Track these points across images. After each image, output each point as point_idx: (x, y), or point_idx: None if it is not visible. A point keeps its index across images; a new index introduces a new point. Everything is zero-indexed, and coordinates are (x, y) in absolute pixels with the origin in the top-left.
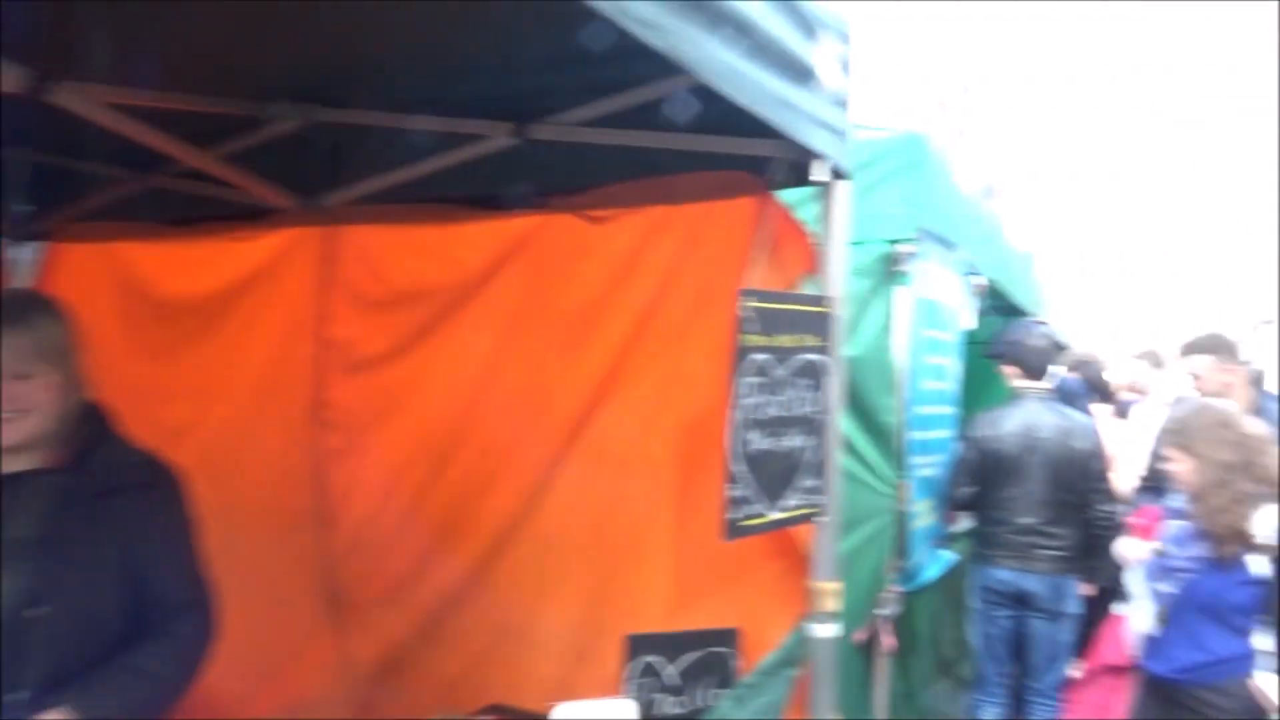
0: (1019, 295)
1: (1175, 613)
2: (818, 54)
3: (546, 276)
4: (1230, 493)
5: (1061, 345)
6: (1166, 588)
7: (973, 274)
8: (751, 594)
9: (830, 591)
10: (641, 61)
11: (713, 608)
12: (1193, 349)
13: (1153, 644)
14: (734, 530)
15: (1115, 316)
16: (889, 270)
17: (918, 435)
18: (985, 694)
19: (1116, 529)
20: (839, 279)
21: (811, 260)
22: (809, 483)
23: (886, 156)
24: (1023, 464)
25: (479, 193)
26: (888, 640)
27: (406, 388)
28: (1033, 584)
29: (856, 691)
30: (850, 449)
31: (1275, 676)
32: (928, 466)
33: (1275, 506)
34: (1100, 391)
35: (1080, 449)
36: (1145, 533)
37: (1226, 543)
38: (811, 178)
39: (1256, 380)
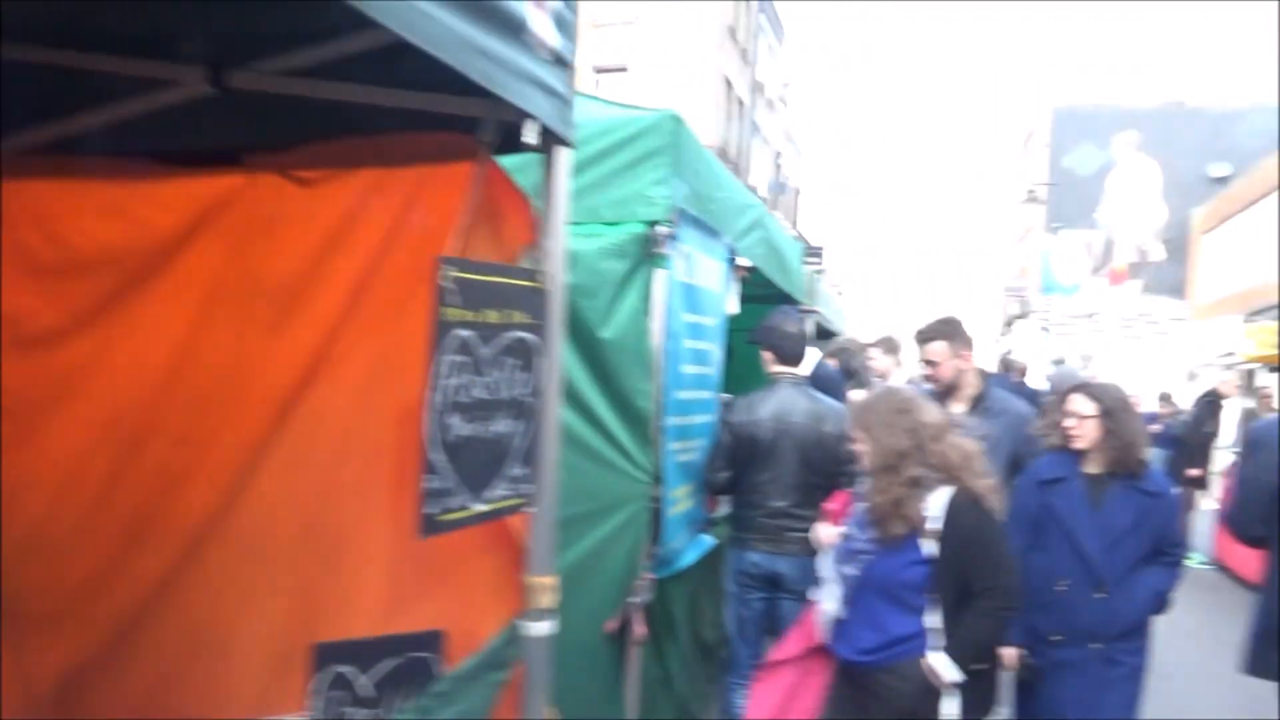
0: (786, 282)
1: (856, 595)
2: (531, 8)
3: (249, 243)
4: (897, 477)
5: (832, 332)
6: (850, 570)
7: (736, 259)
8: (467, 591)
9: (545, 587)
10: (346, 8)
11: (429, 608)
12: (928, 335)
13: (838, 626)
14: (432, 526)
15: (886, 306)
16: (646, 252)
17: (677, 420)
18: (738, 676)
19: None
20: (559, 252)
21: (534, 232)
22: (517, 471)
23: (643, 136)
24: (775, 448)
25: (172, 147)
26: (639, 628)
27: (88, 368)
28: (784, 566)
29: (608, 681)
30: (606, 434)
31: (943, 654)
32: (687, 451)
33: (946, 490)
34: (857, 377)
35: (830, 433)
36: (836, 517)
37: (888, 524)
38: (523, 140)
39: (1006, 367)
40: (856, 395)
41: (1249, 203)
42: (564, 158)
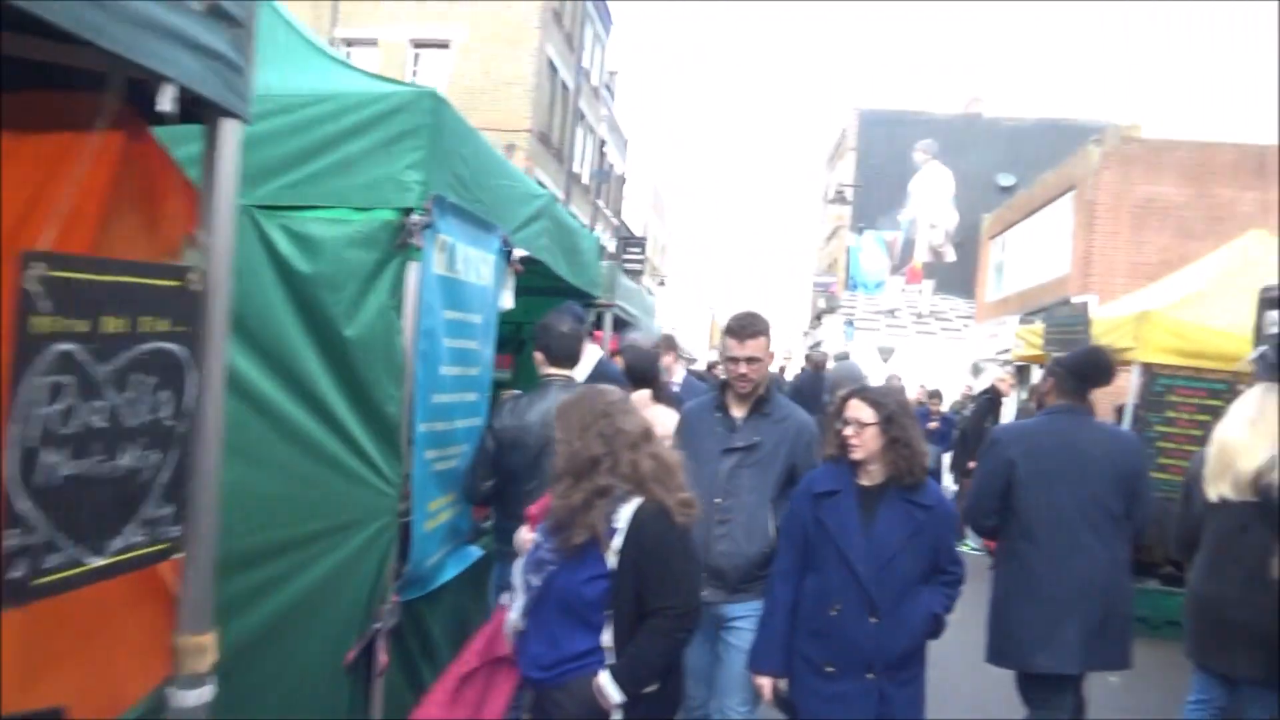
0: (578, 276)
1: (537, 607)
2: None
3: None
4: (584, 484)
5: (638, 326)
6: (534, 580)
7: (511, 252)
8: (109, 655)
9: (201, 647)
10: None
11: (64, 676)
12: (753, 329)
13: (519, 639)
14: (23, 592)
15: (711, 299)
16: (398, 242)
17: (434, 426)
18: None
19: None
20: (225, 246)
21: (196, 220)
22: (158, 511)
23: (398, 115)
24: (542, 456)
25: None
26: (382, 657)
27: None
28: None
29: (350, 717)
30: (349, 442)
31: (608, 674)
32: (446, 459)
33: (636, 502)
34: (644, 377)
35: None
36: (536, 521)
37: (568, 533)
38: (158, 107)
39: (809, 360)
40: (639, 396)
41: (1028, 212)
42: (230, 133)
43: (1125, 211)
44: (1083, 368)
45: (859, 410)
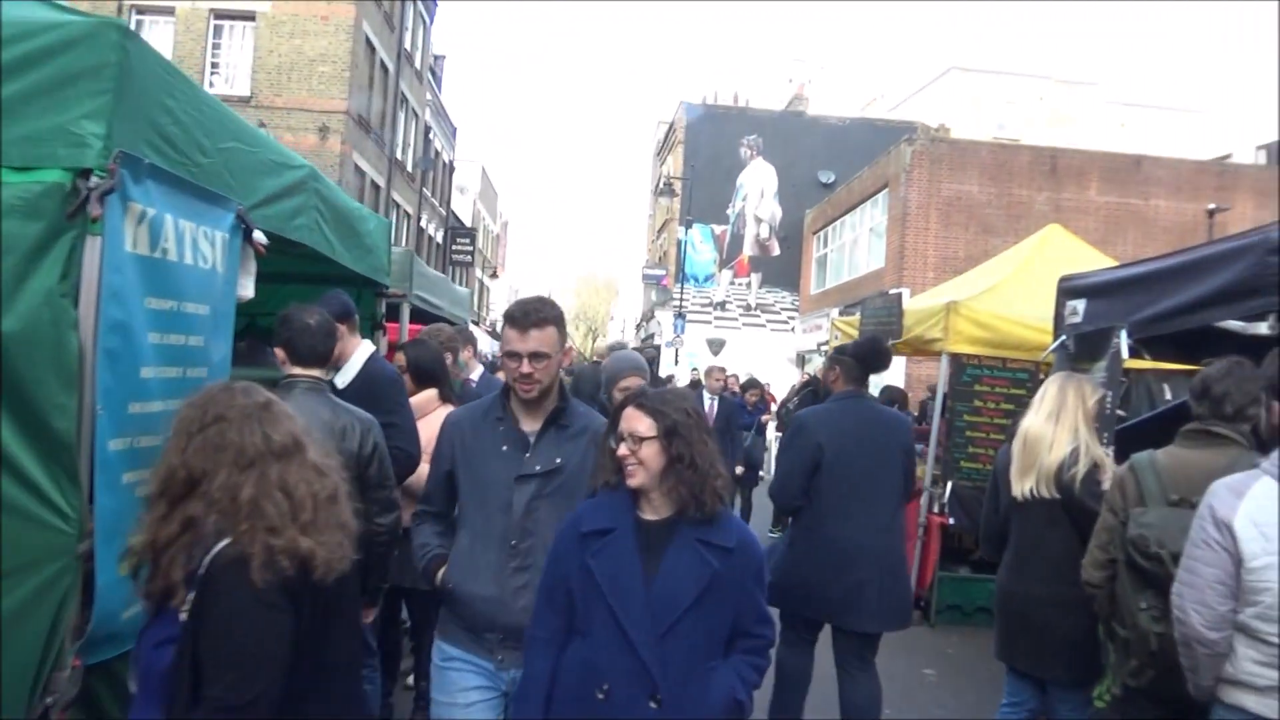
0: (358, 260)
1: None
2: None
3: None
4: (173, 512)
5: (443, 319)
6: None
7: (249, 229)
8: None
9: None
10: None
11: None
12: (538, 318)
13: None
14: None
15: (543, 288)
16: (69, 211)
17: (139, 442)
18: None
19: (395, 541)
20: None
21: None
22: None
23: (70, 51)
24: None
25: None
26: None
27: None
28: None
29: None
30: (8, 467)
31: None
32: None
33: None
34: (429, 375)
35: (351, 451)
36: None
37: (149, 579)
38: None
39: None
40: (424, 397)
41: (847, 208)
42: None
43: (934, 208)
44: (866, 355)
45: (634, 421)
